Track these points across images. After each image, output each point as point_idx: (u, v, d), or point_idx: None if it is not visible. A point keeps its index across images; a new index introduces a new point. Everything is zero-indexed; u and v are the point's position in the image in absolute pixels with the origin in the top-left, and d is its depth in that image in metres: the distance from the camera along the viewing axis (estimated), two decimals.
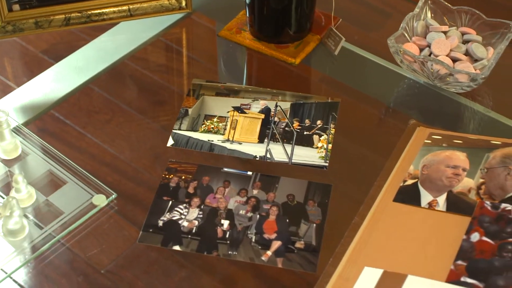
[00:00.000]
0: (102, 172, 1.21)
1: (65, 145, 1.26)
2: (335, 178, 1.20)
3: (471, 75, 1.24)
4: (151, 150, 1.25)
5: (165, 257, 1.09)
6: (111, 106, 1.33)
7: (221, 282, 1.07)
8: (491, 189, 1.11)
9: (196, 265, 1.08)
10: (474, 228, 1.05)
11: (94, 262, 1.09)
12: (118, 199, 1.17)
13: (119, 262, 1.09)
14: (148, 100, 1.35)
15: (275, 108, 1.31)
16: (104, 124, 1.30)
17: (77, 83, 1.38)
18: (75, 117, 1.31)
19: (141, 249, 1.10)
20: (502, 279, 0.97)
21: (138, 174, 1.21)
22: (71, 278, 1.07)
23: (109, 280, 1.07)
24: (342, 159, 1.23)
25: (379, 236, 1.08)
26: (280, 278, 1.08)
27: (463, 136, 1.22)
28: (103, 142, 1.27)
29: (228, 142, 1.26)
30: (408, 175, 1.16)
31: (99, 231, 1.13)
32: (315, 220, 1.14)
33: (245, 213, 1.15)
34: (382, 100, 1.36)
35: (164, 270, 1.07)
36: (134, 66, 1.42)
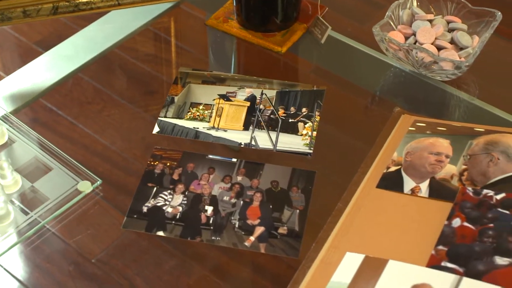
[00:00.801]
0: (88, 158, 1.22)
1: (52, 133, 1.26)
2: (319, 165, 1.21)
3: (456, 63, 1.25)
4: (138, 138, 1.26)
5: (155, 246, 1.10)
6: (101, 95, 1.34)
7: (211, 272, 1.07)
8: (473, 176, 1.11)
9: (186, 254, 1.09)
10: (455, 213, 1.05)
11: (85, 251, 1.09)
12: (103, 186, 1.18)
13: (110, 251, 1.09)
14: (136, 88, 1.36)
15: (260, 96, 1.32)
16: (94, 113, 1.30)
17: (65, 72, 1.39)
18: (64, 105, 1.32)
19: (132, 239, 1.11)
20: (482, 263, 0.98)
21: (124, 161, 1.22)
22: (62, 267, 1.08)
23: (100, 269, 1.07)
24: (326, 146, 1.24)
25: (361, 221, 1.08)
26: (265, 263, 1.08)
27: (447, 124, 1.23)
28: (92, 131, 1.27)
29: (213, 130, 1.27)
30: (392, 162, 1.16)
31: (84, 217, 1.14)
32: (298, 206, 1.14)
33: (229, 199, 1.15)
34: (368, 88, 1.36)
35: (154, 259, 1.08)
36: (123, 55, 1.42)
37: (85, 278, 1.07)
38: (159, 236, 1.10)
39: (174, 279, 1.06)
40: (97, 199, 1.16)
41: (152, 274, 1.06)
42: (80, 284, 1.06)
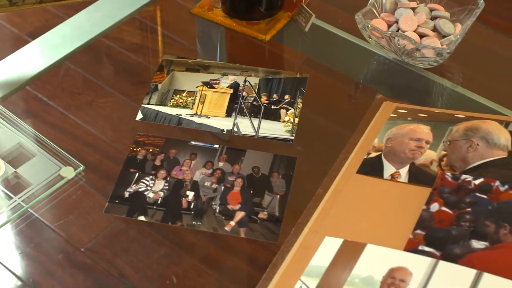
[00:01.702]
0: (72, 145, 1.23)
1: (38, 120, 1.27)
2: (300, 151, 1.22)
3: (437, 50, 1.26)
4: (122, 124, 1.27)
5: (144, 235, 1.10)
6: (87, 83, 1.35)
7: (200, 261, 1.08)
8: (453, 161, 1.12)
9: (175, 243, 1.10)
10: (434, 198, 1.06)
11: (74, 240, 1.10)
12: (87, 172, 1.18)
13: (99, 240, 1.10)
14: (122, 76, 1.36)
15: (244, 83, 1.32)
16: (80, 100, 1.31)
17: (52, 60, 1.39)
18: (51, 93, 1.32)
19: (122, 228, 1.11)
20: (459, 247, 0.98)
21: (108, 148, 1.23)
22: (51, 256, 1.09)
23: (89, 258, 1.08)
24: (308, 133, 1.25)
25: (341, 206, 1.09)
26: (247, 248, 1.09)
27: (428, 110, 1.23)
28: (77, 118, 1.28)
29: (196, 116, 1.27)
30: (372, 148, 1.17)
31: (67, 202, 1.15)
32: (279, 191, 1.15)
33: (210, 185, 1.16)
34: (351, 75, 1.37)
35: (143, 248, 1.09)
36: (109, 43, 1.43)
37: (74, 266, 1.07)
38: (142, 221, 1.11)
39: (163, 268, 1.06)
40: (80, 185, 1.17)
41: (141, 263, 1.07)
42: (69, 272, 1.06)
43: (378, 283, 0.96)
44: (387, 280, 0.96)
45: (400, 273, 0.97)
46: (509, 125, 1.16)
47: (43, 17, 1.49)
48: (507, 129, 1.15)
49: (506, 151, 1.12)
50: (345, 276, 0.98)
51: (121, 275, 1.06)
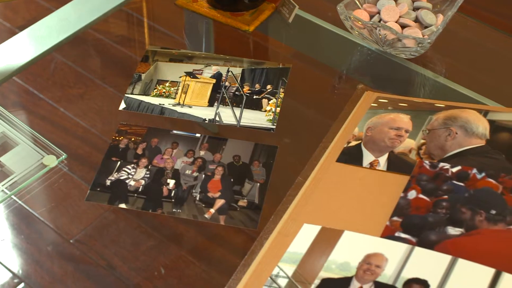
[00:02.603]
0: (56, 134, 1.24)
1: (22, 109, 1.28)
2: (281, 140, 1.23)
3: (418, 40, 1.27)
4: (106, 114, 1.27)
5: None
6: (73, 73, 1.35)
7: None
8: (431, 149, 1.13)
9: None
10: (411, 186, 1.07)
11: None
12: (70, 161, 1.19)
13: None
14: (107, 66, 1.37)
15: (226, 73, 1.33)
16: (65, 90, 1.32)
17: (38, 52, 1.40)
18: (37, 84, 1.33)
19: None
20: (434, 233, 0.99)
21: (92, 137, 1.24)
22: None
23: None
24: (289, 122, 1.26)
25: (320, 194, 1.10)
26: (217, 231, 1.10)
27: (408, 100, 1.24)
28: (62, 107, 1.29)
29: (178, 106, 1.28)
30: (353, 137, 1.18)
31: (50, 190, 1.16)
32: (259, 179, 1.16)
33: (191, 173, 1.17)
34: (334, 66, 1.38)
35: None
36: (96, 35, 1.43)
37: (63, 258, 1.08)
38: (131, 213, 1.12)
39: (151, 259, 1.07)
40: (64, 173, 1.18)
41: (130, 254, 1.08)
42: (58, 263, 1.07)
43: (354, 268, 0.97)
44: (363, 266, 0.97)
45: (376, 259, 0.97)
46: (488, 114, 1.17)
47: (35, 11, 1.50)
48: (485, 118, 1.16)
49: (484, 139, 1.13)
50: (322, 262, 0.99)
51: (110, 266, 1.06)
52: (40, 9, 1.50)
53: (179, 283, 1.04)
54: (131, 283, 1.04)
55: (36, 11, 1.50)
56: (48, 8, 1.50)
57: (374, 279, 0.95)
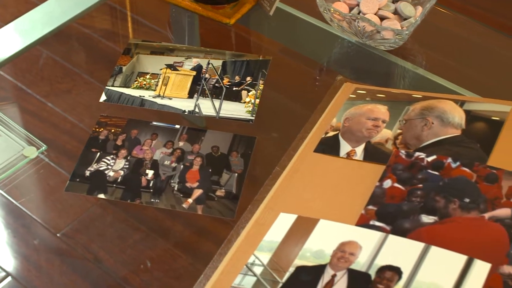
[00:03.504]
0: (36, 125, 1.24)
1: (5, 101, 1.29)
2: (260, 131, 1.23)
3: (396, 31, 1.28)
4: (87, 106, 1.28)
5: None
6: (57, 66, 1.36)
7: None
8: (407, 139, 1.14)
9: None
10: (387, 175, 1.08)
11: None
12: (51, 152, 1.20)
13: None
14: (91, 59, 1.38)
15: (207, 65, 1.34)
16: (49, 83, 1.33)
17: (22, 45, 1.41)
18: (21, 77, 1.34)
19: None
20: (408, 221, 1.00)
21: (73, 128, 1.25)
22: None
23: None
24: (268, 113, 1.27)
25: (297, 184, 1.11)
26: (205, 224, 1.11)
27: (386, 91, 1.25)
28: (46, 100, 1.30)
29: (158, 98, 1.29)
30: (330, 128, 1.19)
31: (30, 180, 1.16)
32: (237, 170, 1.17)
33: (170, 164, 1.18)
34: (315, 58, 1.39)
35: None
36: (80, 29, 1.44)
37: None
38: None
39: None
40: (45, 164, 1.19)
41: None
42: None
43: (329, 256, 0.98)
44: (337, 253, 0.98)
45: (350, 247, 0.98)
46: (464, 104, 1.18)
47: (24, 7, 1.51)
48: (462, 108, 1.17)
49: (459, 129, 1.14)
50: (297, 250, 1.00)
51: (96, 260, 1.07)
52: (30, 5, 1.50)
53: (165, 276, 1.05)
54: (117, 276, 1.05)
55: (25, 7, 1.50)
56: (37, 4, 1.50)
57: (348, 266, 0.96)
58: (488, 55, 1.38)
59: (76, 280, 1.06)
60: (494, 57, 1.38)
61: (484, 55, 1.38)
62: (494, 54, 1.39)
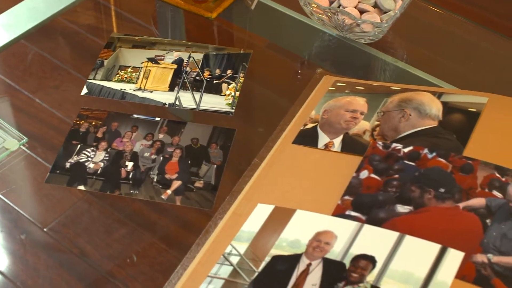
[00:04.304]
0: (19, 118, 1.25)
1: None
2: (240, 123, 1.24)
3: (375, 24, 1.29)
4: (69, 99, 1.29)
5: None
6: (42, 60, 1.37)
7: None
8: (385, 131, 1.15)
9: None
10: (364, 166, 1.09)
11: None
12: (33, 144, 1.21)
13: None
14: (75, 54, 1.39)
15: (188, 59, 1.35)
16: (33, 77, 1.34)
17: (6, 40, 1.41)
18: (7, 71, 1.34)
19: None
20: (384, 211, 1.01)
21: (55, 121, 1.25)
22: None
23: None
24: (248, 106, 1.28)
25: (275, 175, 1.12)
26: (191, 218, 1.12)
27: (365, 83, 1.26)
28: (31, 93, 1.30)
29: (139, 91, 1.30)
30: (309, 120, 1.20)
31: (11, 172, 1.17)
32: (216, 161, 1.18)
33: (149, 155, 1.19)
34: (296, 52, 1.40)
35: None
36: (65, 23, 1.45)
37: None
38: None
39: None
40: (27, 156, 1.20)
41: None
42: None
43: (304, 246, 0.99)
44: (313, 243, 0.99)
45: (325, 236, 0.99)
46: (441, 96, 1.19)
47: (12, 2, 1.51)
48: (439, 100, 1.18)
49: (436, 120, 1.14)
50: (274, 240, 1.01)
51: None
52: (14, 1, 1.51)
53: (151, 270, 1.05)
54: (103, 270, 1.06)
55: (14, 2, 1.51)
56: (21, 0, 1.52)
57: (323, 255, 0.97)
58: (467, 48, 1.40)
59: (62, 274, 1.06)
60: (473, 50, 1.39)
61: (463, 48, 1.39)
62: (473, 46, 1.40)
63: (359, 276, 0.94)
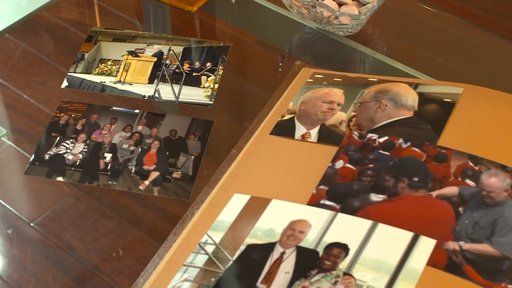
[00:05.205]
0: (2, 112, 1.26)
1: None
2: (218, 115, 1.25)
3: (353, 17, 1.29)
4: (51, 92, 1.30)
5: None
6: (25, 54, 1.38)
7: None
8: (361, 121, 1.16)
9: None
10: (339, 156, 1.10)
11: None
12: (15, 137, 1.22)
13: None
14: (59, 47, 1.40)
15: (168, 52, 1.36)
16: (16, 70, 1.34)
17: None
18: None
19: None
20: (358, 200, 1.02)
21: (35, 113, 1.26)
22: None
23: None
24: (227, 98, 1.28)
25: (252, 166, 1.13)
26: (177, 213, 1.12)
27: (343, 75, 1.27)
28: (14, 87, 1.31)
29: (119, 83, 1.31)
30: (287, 111, 1.21)
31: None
32: (194, 152, 1.19)
33: (128, 147, 1.20)
34: (276, 44, 1.41)
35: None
36: (49, 18, 1.46)
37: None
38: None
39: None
40: (6, 148, 1.20)
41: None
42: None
43: (279, 234, 1.00)
44: (287, 231, 1.00)
45: (300, 225, 1.00)
46: (418, 87, 1.20)
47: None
48: (415, 90, 1.19)
49: (412, 111, 1.15)
50: (249, 229, 1.02)
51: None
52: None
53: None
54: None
55: None
56: None
57: (297, 244, 0.98)
58: (445, 39, 1.40)
59: (49, 268, 1.07)
60: (451, 41, 1.40)
61: (441, 39, 1.40)
62: (451, 37, 1.41)
63: (332, 263, 0.95)
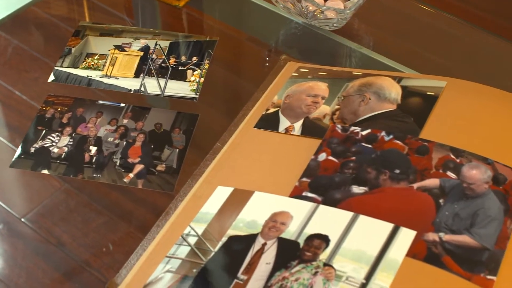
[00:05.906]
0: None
1: None
2: (204, 109, 1.26)
3: (338, 11, 1.30)
4: (38, 86, 1.31)
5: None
6: (14, 49, 1.38)
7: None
8: (344, 114, 1.17)
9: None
10: (322, 149, 1.10)
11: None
12: (5, 133, 1.22)
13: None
14: (48, 42, 1.40)
15: (154, 46, 1.37)
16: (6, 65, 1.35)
17: None
18: None
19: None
20: (339, 192, 1.03)
21: (22, 107, 1.27)
22: None
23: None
24: (213, 92, 1.29)
25: (236, 158, 1.13)
26: (153, 200, 1.13)
27: (328, 69, 1.28)
28: (5, 82, 1.32)
29: (105, 77, 1.32)
30: (272, 105, 1.21)
31: None
32: (178, 145, 1.20)
33: (113, 140, 1.21)
34: (263, 39, 1.41)
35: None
36: (38, 13, 1.46)
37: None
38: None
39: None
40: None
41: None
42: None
43: (260, 226, 1.00)
44: (269, 223, 1.01)
45: (281, 217, 1.01)
46: (401, 81, 1.20)
47: None
48: (399, 84, 1.20)
49: (395, 104, 1.16)
50: (231, 221, 1.03)
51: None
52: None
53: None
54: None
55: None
56: None
57: (278, 235, 0.99)
58: (430, 33, 1.41)
59: (39, 263, 1.07)
60: (436, 35, 1.41)
61: (426, 33, 1.41)
62: (437, 32, 1.42)
63: (313, 254, 0.96)
